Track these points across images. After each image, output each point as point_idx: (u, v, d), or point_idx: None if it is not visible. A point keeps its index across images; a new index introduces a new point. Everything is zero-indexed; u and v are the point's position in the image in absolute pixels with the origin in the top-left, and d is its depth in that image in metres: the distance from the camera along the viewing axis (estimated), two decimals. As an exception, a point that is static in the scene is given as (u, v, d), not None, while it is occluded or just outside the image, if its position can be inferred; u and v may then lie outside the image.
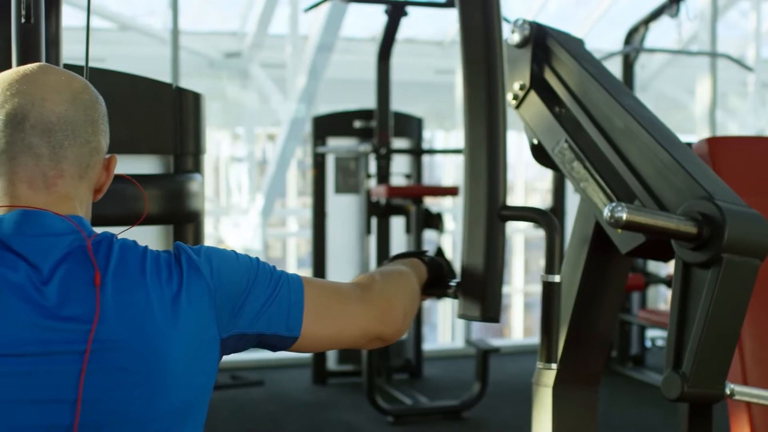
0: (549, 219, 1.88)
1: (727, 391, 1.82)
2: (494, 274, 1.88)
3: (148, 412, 1.28)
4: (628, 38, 6.21)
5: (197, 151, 2.18)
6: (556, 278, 1.86)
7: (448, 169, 10.59)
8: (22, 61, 1.75)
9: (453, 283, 1.94)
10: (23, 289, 1.24)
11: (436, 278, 1.90)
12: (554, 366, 1.89)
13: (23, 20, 1.76)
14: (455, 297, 1.92)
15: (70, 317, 1.25)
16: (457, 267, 1.97)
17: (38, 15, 1.76)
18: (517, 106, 2.27)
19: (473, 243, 1.91)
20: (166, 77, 5.84)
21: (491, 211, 1.89)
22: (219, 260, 1.39)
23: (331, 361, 6.07)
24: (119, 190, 1.66)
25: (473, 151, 1.91)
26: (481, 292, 1.89)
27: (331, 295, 1.55)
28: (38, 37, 1.77)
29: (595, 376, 2.18)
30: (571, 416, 2.13)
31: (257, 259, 1.47)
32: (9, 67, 1.81)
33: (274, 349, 1.50)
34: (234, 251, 1.44)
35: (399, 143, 5.98)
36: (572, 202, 6.17)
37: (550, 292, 1.86)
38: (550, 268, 1.86)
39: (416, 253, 1.95)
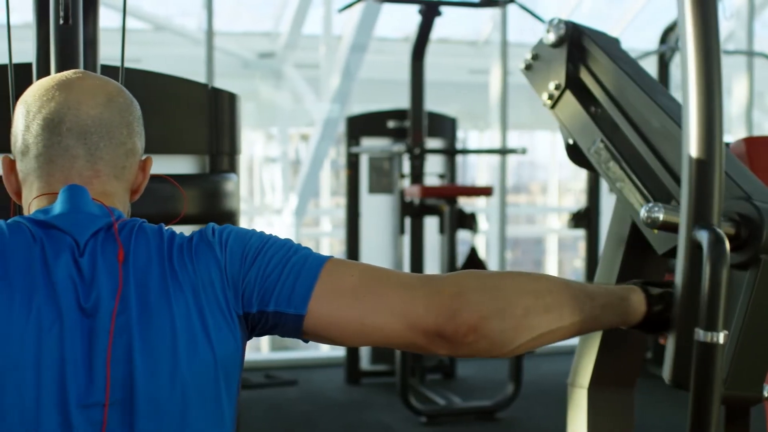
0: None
1: (765, 394, 1.80)
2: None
3: (164, 390, 1.29)
4: (664, 37, 6.17)
5: (233, 151, 2.19)
6: None
7: (481, 169, 10.57)
8: (60, 62, 1.77)
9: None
10: (68, 262, 1.28)
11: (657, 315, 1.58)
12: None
13: (62, 22, 1.78)
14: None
15: (96, 294, 1.27)
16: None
17: (76, 16, 1.78)
18: (553, 106, 2.26)
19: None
20: (200, 78, 5.87)
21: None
22: (233, 235, 1.38)
23: (365, 361, 6.08)
24: (155, 189, 1.68)
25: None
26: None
27: (366, 279, 1.38)
28: (76, 38, 1.79)
29: (631, 377, 2.17)
30: (606, 418, 2.12)
31: (276, 236, 1.41)
32: (48, 67, 1.84)
33: (283, 332, 1.38)
34: (254, 230, 1.42)
35: (433, 143, 5.97)
36: (606, 202, 6.14)
37: None
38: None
39: (644, 282, 1.62)
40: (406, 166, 5.57)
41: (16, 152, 1.39)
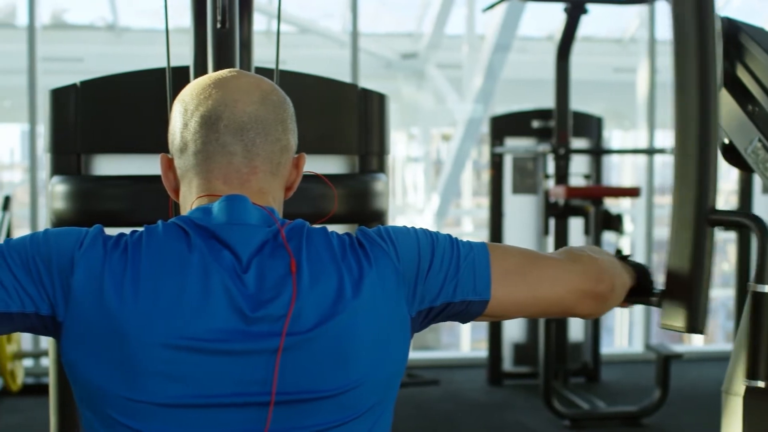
0: (763, 226, 1.77)
1: None
2: (701, 282, 1.76)
3: (335, 392, 1.31)
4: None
5: (382, 151, 2.20)
6: (767, 288, 1.77)
7: (626, 170, 10.38)
8: (217, 64, 1.82)
9: (656, 291, 1.80)
10: (228, 277, 1.29)
11: (641, 284, 1.77)
12: (761, 383, 1.79)
13: (219, 25, 1.83)
14: (658, 305, 1.79)
15: (266, 305, 1.28)
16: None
17: (233, 20, 1.83)
18: None
19: (679, 249, 1.79)
20: (344, 79, 5.94)
21: (700, 216, 1.77)
22: (400, 238, 1.39)
23: (507, 362, 6.05)
24: (306, 188, 1.70)
25: (683, 153, 1.80)
26: (687, 302, 1.76)
27: (523, 256, 1.50)
28: (232, 41, 1.84)
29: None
30: (764, 428, 2.05)
31: (435, 231, 1.45)
32: (205, 69, 1.89)
33: (463, 318, 1.47)
34: (410, 227, 1.44)
35: (577, 143, 5.90)
36: (759, 203, 5.94)
37: (760, 303, 1.76)
38: (760, 278, 1.76)
39: (618, 256, 1.79)
40: (551, 167, 5.51)
41: (174, 150, 1.42)
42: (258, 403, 1.29)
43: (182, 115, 1.40)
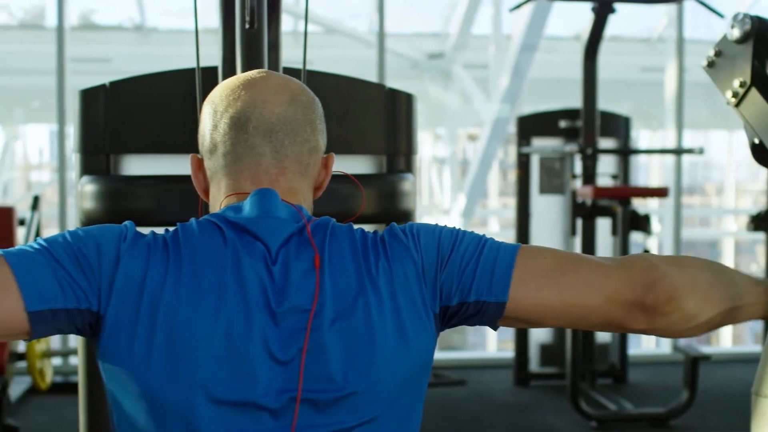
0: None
1: None
2: None
3: (359, 388, 1.31)
4: None
5: (409, 151, 2.20)
6: None
7: (653, 170, 10.32)
8: (246, 65, 1.83)
9: None
10: (262, 269, 1.31)
11: None
12: None
13: (247, 26, 1.83)
14: None
15: (290, 298, 1.30)
16: None
17: (261, 20, 1.84)
18: (737, 105, 2.18)
19: None
20: (370, 79, 5.95)
21: None
22: (422, 233, 1.39)
23: (534, 363, 6.03)
24: (334, 188, 1.70)
25: None
26: None
27: (557, 258, 1.40)
28: (261, 41, 1.85)
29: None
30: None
31: (466, 230, 1.43)
32: (234, 69, 1.90)
33: (482, 321, 1.41)
34: (439, 224, 1.43)
35: (605, 143, 5.87)
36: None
37: None
38: None
39: None
40: (578, 167, 5.49)
41: (204, 151, 1.44)
42: (290, 399, 1.30)
43: (212, 117, 1.41)
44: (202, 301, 1.28)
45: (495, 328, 1.44)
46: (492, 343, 8.73)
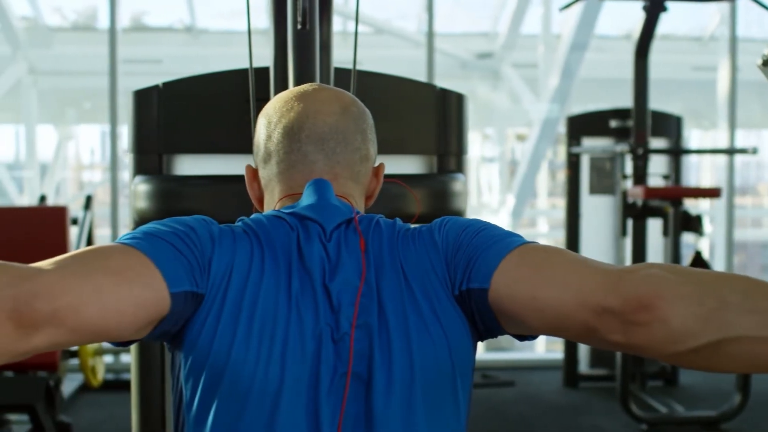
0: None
1: None
2: None
3: (397, 368, 1.32)
4: None
5: (460, 151, 2.20)
6: None
7: (705, 170, 10.21)
8: (297, 65, 1.84)
9: None
10: (318, 248, 1.34)
11: None
12: None
13: (299, 26, 1.84)
14: None
15: (340, 274, 1.33)
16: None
17: (313, 21, 1.84)
18: None
19: None
20: (420, 79, 5.96)
21: None
22: (450, 224, 1.41)
23: (583, 364, 5.99)
24: (385, 189, 1.71)
25: None
26: None
27: (549, 254, 1.32)
28: (312, 42, 1.86)
29: None
30: None
31: (499, 226, 1.41)
32: (286, 70, 1.91)
33: (483, 319, 1.36)
34: (480, 219, 1.44)
35: (656, 143, 5.81)
36: None
37: None
38: None
39: None
40: (629, 167, 5.44)
41: (259, 161, 1.49)
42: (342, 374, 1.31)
43: (266, 128, 1.47)
44: (280, 281, 1.32)
45: (502, 332, 1.38)
46: (541, 344, 8.70)
